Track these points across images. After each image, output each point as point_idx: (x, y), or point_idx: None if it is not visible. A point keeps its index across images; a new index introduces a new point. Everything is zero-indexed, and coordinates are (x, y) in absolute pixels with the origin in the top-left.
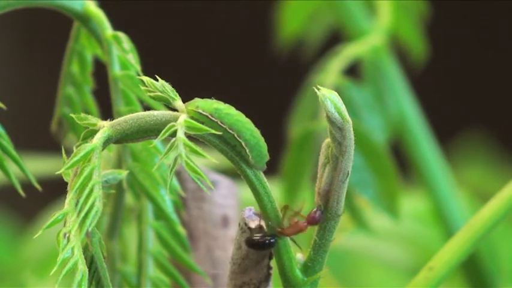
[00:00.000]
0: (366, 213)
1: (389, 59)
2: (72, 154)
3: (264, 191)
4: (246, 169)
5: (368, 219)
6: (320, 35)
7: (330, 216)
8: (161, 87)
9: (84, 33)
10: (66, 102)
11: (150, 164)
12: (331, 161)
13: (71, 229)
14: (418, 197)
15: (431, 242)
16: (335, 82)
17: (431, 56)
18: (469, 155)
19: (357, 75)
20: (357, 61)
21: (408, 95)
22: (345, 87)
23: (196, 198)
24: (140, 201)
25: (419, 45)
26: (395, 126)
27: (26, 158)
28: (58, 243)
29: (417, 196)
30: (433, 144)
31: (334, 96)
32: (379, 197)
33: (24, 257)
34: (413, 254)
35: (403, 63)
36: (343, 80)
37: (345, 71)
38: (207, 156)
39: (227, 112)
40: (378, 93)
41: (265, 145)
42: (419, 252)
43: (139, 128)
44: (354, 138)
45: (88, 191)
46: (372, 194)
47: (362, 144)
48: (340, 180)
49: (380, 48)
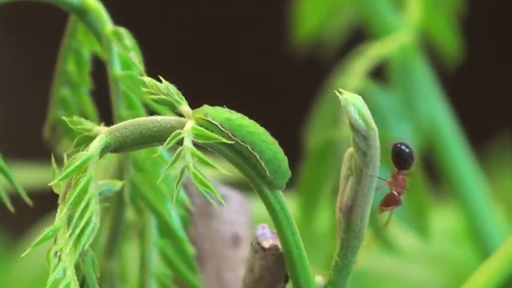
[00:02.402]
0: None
1: (419, 59)
2: (66, 164)
3: (279, 207)
4: (261, 185)
5: (394, 238)
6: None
7: (353, 235)
8: (165, 90)
9: (81, 28)
10: (60, 105)
11: (155, 174)
12: (354, 174)
13: (62, 247)
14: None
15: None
16: (359, 85)
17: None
18: (507, 166)
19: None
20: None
21: (440, 100)
22: (370, 91)
23: (204, 215)
24: (143, 216)
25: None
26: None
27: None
28: (48, 262)
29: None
30: (467, 154)
31: (358, 101)
32: (406, 212)
33: (13, 277)
34: (444, 276)
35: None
36: (368, 83)
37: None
38: (217, 167)
39: (239, 123)
40: (406, 98)
41: (285, 159)
42: (450, 275)
43: (141, 135)
44: (379, 147)
45: (84, 205)
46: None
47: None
48: (364, 195)
49: (409, 47)
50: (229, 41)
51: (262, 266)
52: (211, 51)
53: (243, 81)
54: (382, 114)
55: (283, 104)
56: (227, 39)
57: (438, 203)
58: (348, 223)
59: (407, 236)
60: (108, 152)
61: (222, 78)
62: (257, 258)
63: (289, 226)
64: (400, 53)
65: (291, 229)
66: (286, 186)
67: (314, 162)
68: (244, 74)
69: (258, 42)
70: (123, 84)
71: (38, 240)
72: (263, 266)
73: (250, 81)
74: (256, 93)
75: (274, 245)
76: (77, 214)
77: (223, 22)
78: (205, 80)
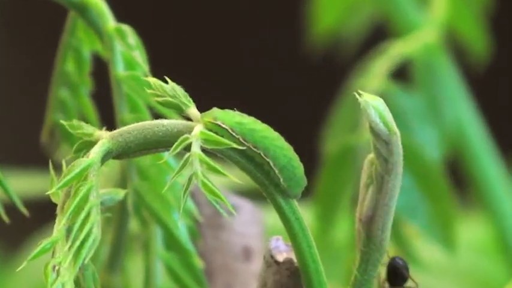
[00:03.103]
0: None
1: (444, 58)
2: (65, 171)
3: (294, 218)
4: (275, 193)
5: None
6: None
7: (373, 248)
8: (172, 91)
9: (81, 26)
10: (59, 108)
11: (160, 183)
12: (375, 181)
13: (61, 261)
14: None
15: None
16: (379, 87)
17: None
18: None
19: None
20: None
21: (467, 102)
22: (392, 93)
23: (213, 226)
24: (147, 228)
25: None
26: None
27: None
28: (46, 277)
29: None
30: (496, 161)
31: (379, 104)
32: (431, 224)
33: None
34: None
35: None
36: (390, 84)
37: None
38: (227, 174)
39: (251, 127)
40: (431, 100)
41: (301, 166)
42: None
43: (146, 140)
44: (402, 153)
45: (84, 216)
46: (423, 221)
47: (412, 161)
48: (386, 204)
49: (433, 45)
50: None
51: (276, 282)
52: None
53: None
54: (405, 117)
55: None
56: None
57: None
58: (368, 235)
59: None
60: (110, 159)
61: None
62: (270, 273)
63: (305, 238)
64: (424, 52)
65: (307, 241)
66: (301, 195)
67: (332, 170)
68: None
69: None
70: (126, 85)
71: (35, 254)
72: (277, 281)
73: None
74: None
75: (288, 258)
76: (77, 225)
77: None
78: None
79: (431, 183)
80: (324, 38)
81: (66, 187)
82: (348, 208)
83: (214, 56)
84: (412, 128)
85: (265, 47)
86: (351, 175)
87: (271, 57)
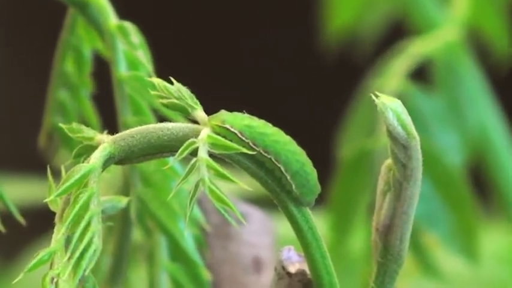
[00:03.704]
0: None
1: (466, 58)
2: (64, 177)
3: (307, 227)
4: (287, 201)
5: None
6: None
7: (391, 259)
8: (177, 93)
9: (81, 23)
10: (58, 110)
11: (165, 189)
12: (392, 188)
13: (60, 272)
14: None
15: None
16: (398, 88)
17: None
18: None
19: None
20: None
21: (490, 104)
22: (411, 94)
23: (221, 236)
24: (152, 237)
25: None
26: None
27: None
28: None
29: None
30: None
31: (397, 106)
32: (452, 234)
33: None
34: None
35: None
36: (408, 85)
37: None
38: (236, 181)
39: (262, 131)
40: (452, 102)
41: (314, 172)
42: None
43: (150, 145)
44: (421, 159)
45: (84, 225)
46: (444, 231)
47: (432, 166)
48: (404, 213)
49: (455, 44)
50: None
51: None
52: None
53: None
54: (425, 120)
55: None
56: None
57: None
58: (386, 245)
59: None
60: (112, 164)
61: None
62: (282, 285)
63: (319, 248)
64: (445, 51)
65: (321, 252)
66: (315, 203)
67: (347, 176)
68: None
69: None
70: (129, 86)
71: (32, 265)
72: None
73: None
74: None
75: (301, 270)
76: (77, 235)
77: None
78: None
79: (452, 191)
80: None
81: (65, 194)
82: (364, 217)
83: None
84: (432, 131)
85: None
86: (367, 182)
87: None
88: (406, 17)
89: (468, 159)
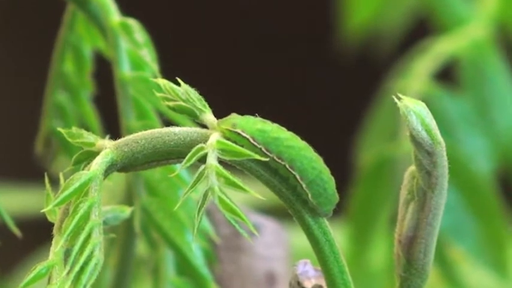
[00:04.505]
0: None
1: (495, 57)
2: (62, 185)
3: (325, 239)
4: (302, 211)
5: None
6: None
7: (414, 273)
8: (184, 95)
9: (81, 20)
10: (56, 113)
11: (172, 199)
12: (416, 198)
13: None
14: None
15: None
16: (422, 89)
17: None
18: None
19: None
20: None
21: None
22: (436, 96)
23: (232, 248)
24: (157, 250)
25: None
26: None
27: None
28: None
29: None
30: None
31: (421, 109)
32: (480, 246)
33: None
34: None
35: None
36: (433, 86)
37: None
38: (248, 190)
39: (275, 136)
40: (480, 104)
41: (332, 180)
42: None
43: (155, 151)
44: (447, 166)
45: (85, 237)
46: (471, 243)
47: (458, 174)
48: (429, 224)
49: (483, 42)
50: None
51: None
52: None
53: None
54: (451, 124)
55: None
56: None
57: None
58: (409, 258)
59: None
60: (115, 172)
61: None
62: None
63: (337, 262)
64: (472, 50)
65: (339, 266)
66: (333, 213)
67: (367, 184)
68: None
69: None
70: (133, 88)
71: (29, 280)
72: None
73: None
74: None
75: (317, 285)
76: (76, 247)
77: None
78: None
79: (480, 200)
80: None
81: (64, 204)
82: (386, 228)
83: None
84: (458, 136)
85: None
86: (388, 190)
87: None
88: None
89: (497, 166)
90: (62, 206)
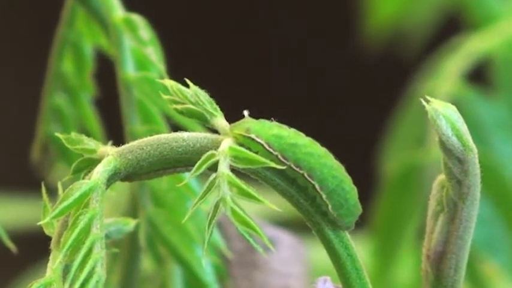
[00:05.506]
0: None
1: None
2: (61, 196)
3: (346, 253)
4: (322, 224)
5: None
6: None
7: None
8: (194, 97)
9: (81, 16)
10: (54, 117)
11: (180, 211)
12: (446, 209)
13: None
14: None
15: None
16: (452, 91)
17: None
18: None
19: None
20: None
21: None
22: (467, 99)
23: (246, 264)
24: (164, 266)
25: None
26: None
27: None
28: None
29: None
30: None
31: (452, 113)
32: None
33: None
34: None
35: None
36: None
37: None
38: (263, 200)
39: (293, 142)
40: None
41: (354, 190)
42: None
43: (162, 158)
44: (480, 174)
45: (85, 252)
46: (505, 258)
47: (492, 183)
48: (460, 237)
49: None
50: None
51: None
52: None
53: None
54: (484, 129)
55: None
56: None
57: None
58: (438, 275)
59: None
60: (118, 181)
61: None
62: None
63: (359, 279)
64: (506, 49)
65: (362, 283)
66: (355, 226)
67: (392, 194)
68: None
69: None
70: (138, 89)
71: None
72: None
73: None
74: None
75: None
76: (76, 263)
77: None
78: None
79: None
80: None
81: (63, 216)
82: (413, 242)
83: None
84: (492, 142)
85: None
86: (416, 201)
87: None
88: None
89: None
90: (60, 218)
